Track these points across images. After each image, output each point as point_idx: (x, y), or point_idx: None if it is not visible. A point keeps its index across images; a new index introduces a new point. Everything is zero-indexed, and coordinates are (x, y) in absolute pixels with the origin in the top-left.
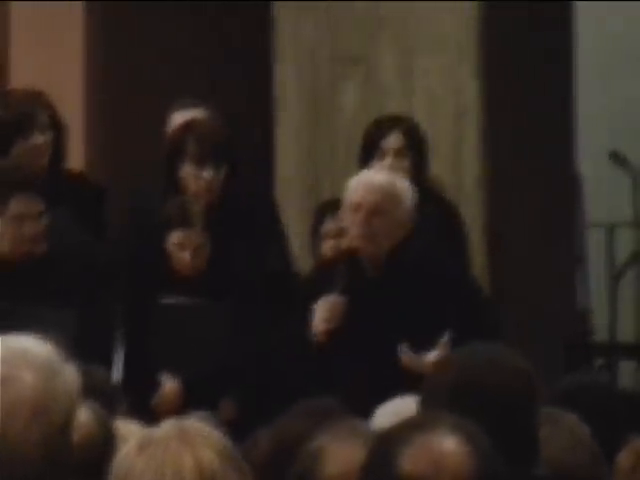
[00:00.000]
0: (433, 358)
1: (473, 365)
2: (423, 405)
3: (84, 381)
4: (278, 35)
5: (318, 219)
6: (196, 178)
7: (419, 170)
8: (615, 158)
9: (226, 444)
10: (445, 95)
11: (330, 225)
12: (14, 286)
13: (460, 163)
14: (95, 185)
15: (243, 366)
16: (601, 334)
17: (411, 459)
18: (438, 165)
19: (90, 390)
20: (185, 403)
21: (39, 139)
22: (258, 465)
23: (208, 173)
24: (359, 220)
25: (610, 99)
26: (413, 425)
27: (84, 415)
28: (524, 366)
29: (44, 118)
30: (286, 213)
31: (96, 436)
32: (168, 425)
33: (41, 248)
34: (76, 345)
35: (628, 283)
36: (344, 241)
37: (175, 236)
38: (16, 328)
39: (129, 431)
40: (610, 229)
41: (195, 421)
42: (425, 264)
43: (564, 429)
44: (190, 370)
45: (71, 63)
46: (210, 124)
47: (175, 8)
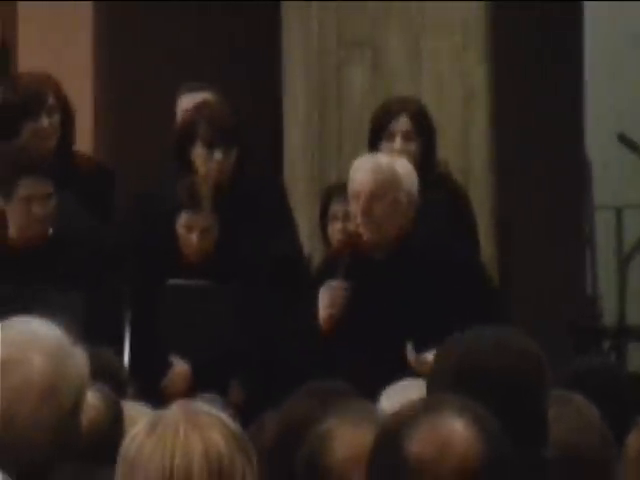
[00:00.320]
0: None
1: (481, 347)
2: (430, 388)
3: (93, 364)
4: (285, 20)
5: (325, 202)
6: (207, 160)
7: (427, 153)
8: (623, 140)
9: (234, 427)
10: (453, 79)
11: (337, 208)
12: (22, 269)
13: (468, 147)
14: (103, 168)
15: (251, 349)
16: (609, 317)
17: (418, 442)
18: (446, 149)
19: (99, 373)
20: (193, 385)
21: (46, 122)
22: (265, 448)
23: (219, 155)
24: (360, 209)
25: (619, 83)
26: (420, 408)
27: (93, 398)
28: (532, 348)
29: (52, 101)
30: (294, 197)
31: (105, 419)
32: (176, 408)
33: (49, 230)
34: (84, 328)
35: (637, 266)
36: (351, 225)
37: (183, 218)
38: (25, 311)
39: (138, 414)
40: (618, 212)
41: (203, 404)
42: (433, 248)
43: (573, 411)
44: (198, 352)
45: (79, 62)
46: (221, 107)
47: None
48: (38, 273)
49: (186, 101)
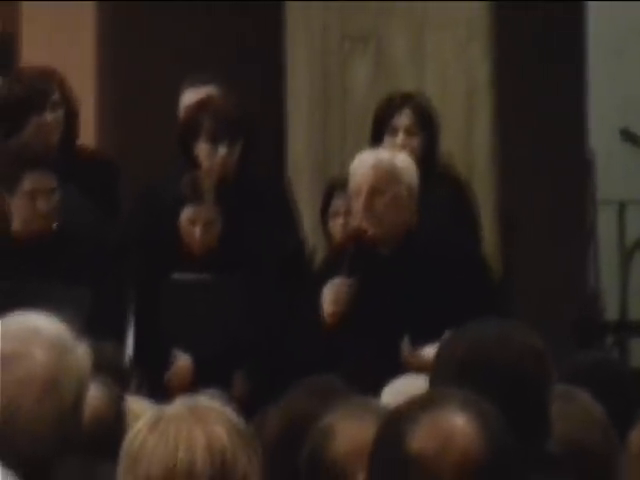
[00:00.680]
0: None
1: (483, 341)
2: (433, 381)
3: (95, 358)
4: (289, 14)
5: (328, 196)
6: (211, 155)
7: (430, 148)
8: (627, 136)
9: (237, 421)
10: (456, 73)
11: (339, 202)
12: (26, 263)
13: (471, 141)
14: (107, 162)
15: (254, 343)
16: (612, 313)
17: (420, 437)
18: (449, 143)
19: (101, 367)
20: (196, 379)
21: (50, 116)
22: (268, 443)
23: (223, 150)
24: (361, 204)
25: (622, 76)
26: (422, 402)
27: (95, 392)
28: (535, 342)
29: (56, 95)
30: (297, 191)
31: (107, 413)
32: (180, 402)
33: (53, 224)
34: (88, 322)
35: (639, 261)
36: (353, 220)
37: (186, 212)
38: (29, 305)
39: (140, 408)
40: (621, 207)
41: (207, 398)
42: (436, 242)
43: (577, 406)
44: (202, 346)
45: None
46: (225, 101)
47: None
48: (42, 267)
49: (189, 96)
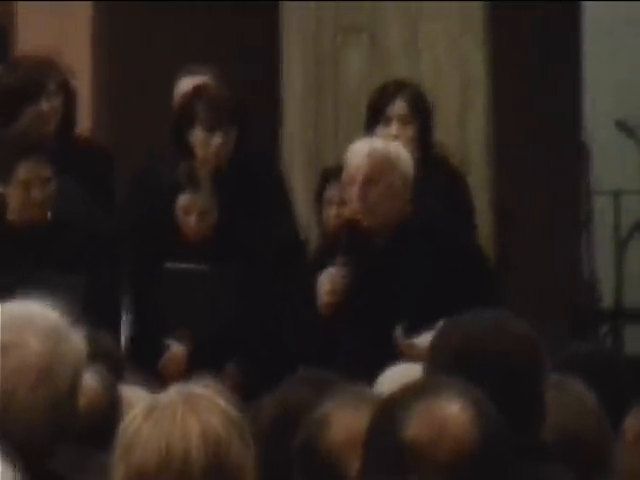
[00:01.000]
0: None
1: (478, 331)
2: (427, 370)
3: (90, 346)
4: (284, 5)
5: (321, 185)
6: (206, 143)
7: (424, 137)
8: (622, 126)
9: (231, 410)
10: (451, 64)
11: (333, 192)
12: (21, 252)
13: (466, 132)
14: (104, 151)
15: (249, 332)
16: (607, 301)
17: (414, 424)
18: (444, 133)
19: (96, 355)
20: (191, 367)
21: (47, 105)
22: (262, 432)
23: (218, 139)
24: (355, 193)
25: (617, 67)
26: (416, 390)
27: (90, 380)
28: (529, 332)
29: (53, 84)
30: (291, 181)
31: (102, 401)
32: (174, 391)
33: (48, 213)
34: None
35: (634, 250)
36: (346, 210)
37: (181, 200)
38: (24, 294)
39: (135, 396)
40: (616, 197)
41: (201, 387)
42: (431, 232)
43: (570, 395)
44: (196, 335)
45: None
46: (220, 90)
47: None
48: (37, 256)
49: (184, 84)
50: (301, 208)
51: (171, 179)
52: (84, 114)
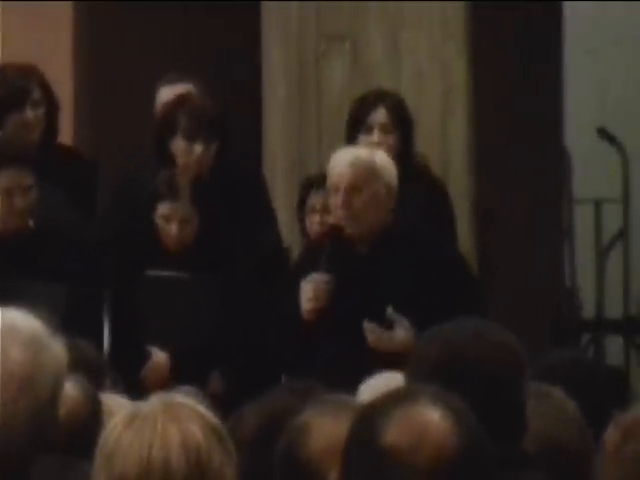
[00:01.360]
0: (400, 335)
1: (458, 340)
2: (408, 379)
3: (71, 355)
4: (264, 14)
5: (304, 193)
6: (187, 153)
7: (405, 146)
8: (603, 134)
9: (212, 419)
10: (432, 72)
11: (316, 200)
12: (2, 260)
13: (448, 140)
14: (86, 160)
15: (231, 340)
16: (588, 310)
17: (394, 431)
18: (425, 142)
19: (77, 364)
20: (172, 376)
21: (31, 114)
22: (244, 440)
23: (199, 148)
24: (340, 202)
25: (599, 75)
26: (396, 397)
27: (71, 389)
28: (510, 341)
29: (37, 93)
30: (273, 189)
31: (83, 410)
32: (155, 400)
33: (30, 221)
34: (65, 319)
35: (615, 259)
36: (330, 218)
37: (161, 208)
38: (5, 302)
39: (116, 405)
40: (597, 205)
41: (182, 396)
42: (413, 241)
43: (551, 404)
44: (178, 343)
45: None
46: (201, 99)
47: None
48: (18, 264)
49: (166, 93)
50: (283, 216)
51: (151, 187)
52: (65, 114)
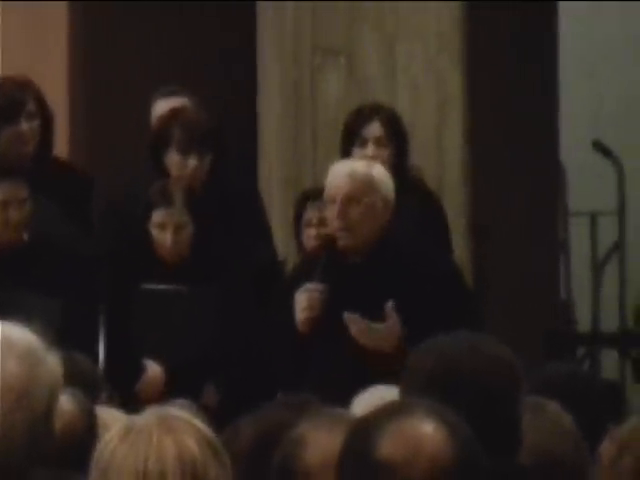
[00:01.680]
0: (383, 328)
1: (453, 353)
2: (403, 392)
3: (66, 368)
4: (260, 26)
5: (300, 207)
6: (181, 166)
7: (400, 159)
8: (598, 147)
9: (208, 432)
10: (428, 84)
11: (312, 214)
12: None
13: (443, 152)
14: (82, 174)
15: (226, 354)
16: (583, 324)
17: (389, 444)
18: (420, 155)
19: (72, 377)
20: (167, 390)
21: (26, 126)
22: (240, 453)
23: (193, 162)
24: (336, 213)
25: (593, 88)
26: (390, 411)
27: (66, 403)
28: (506, 354)
29: (32, 106)
30: (268, 202)
31: (78, 423)
32: (150, 413)
33: (24, 235)
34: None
35: (610, 273)
36: (326, 231)
37: (156, 216)
38: (0, 315)
39: (111, 418)
40: (593, 218)
41: (177, 409)
42: (408, 252)
43: (547, 417)
44: (173, 356)
45: (54, 62)
46: (196, 112)
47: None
48: (13, 277)
49: (161, 106)
50: (279, 227)
51: (145, 198)
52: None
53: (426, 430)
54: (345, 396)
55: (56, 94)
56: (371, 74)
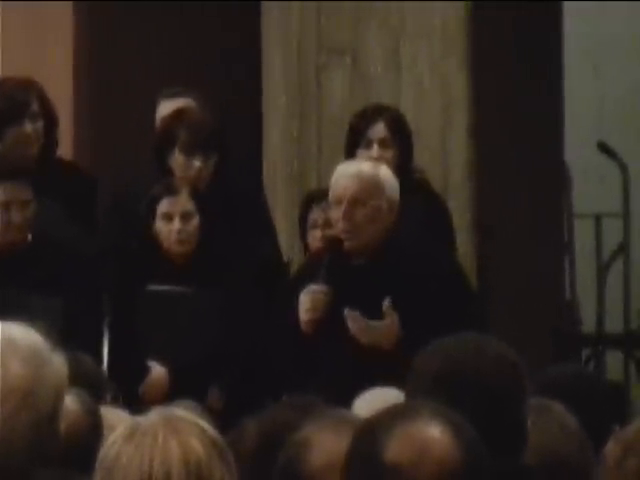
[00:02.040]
0: (381, 325)
1: (458, 354)
2: (408, 393)
3: (71, 369)
4: (265, 25)
5: (305, 209)
6: (185, 167)
7: (404, 160)
8: (603, 148)
9: (212, 433)
10: (433, 85)
11: (317, 215)
12: (1, 274)
13: (448, 153)
14: (86, 175)
15: (231, 354)
16: (588, 325)
17: (395, 447)
18: (425, 156)
19: (77, 378)
20: (171, 391)
21: (30, 127)
22: (245, 454)
23: (197, 163)
24: (342, 214)
25: (599, 89)
26: (397, 413)
27: (71, 403)
28: (511, 355)
29: (36, 107)
30: (273, 203)
31: (83, 424)
32: (155, 414)
33: (28, 236)
34: (65, 333)
35: (615, 274)
36: (331, 232)
37: (161, 206)
38: (4, 316)
39: (116, 419)
40: (598, 220)
41: (182, 410)
42: (412, 254)
43: (552, 418)
44: (177, 358)
45: (59, 62)
46: (201, 113)
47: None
48: (16, 278)
49: (166, 107)
50: (283, 230)
51: (149, 197)
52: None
53: (433, 433)
54: (348, 397)
55: (60, 95)
56: (376, 73)
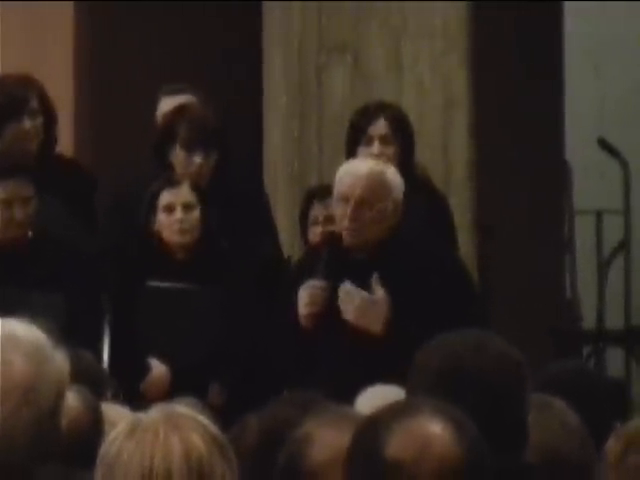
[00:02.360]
0: (372, 300)
1: (460, 351)
2: (410, 390)
3: (72, 366)
4: (266, 25)
5: (306, 205)
6: (186, 163)
7: (405, 157)
8: (604, 145)
9: (214, 430)
10: (434, 83)
11: (318, 212)
12: (1, 271)
13: (449, 151)
14: (85, 171)
15: (231, 351)
16: (589, 322)
17: (397, 444)
18: (427, 153)
19: (78, 375)
20: (172, 388)
21: (29, 124)
22: (246, 451)
23: (198, 159)
24: (348, 213)
25: (600, 89)
26: (398, 410)
27: (73, 400)
28: (512, 351)
29: (35, 103)
30: (274, 199)
31: (84, 420)
32: (156, 410)
33: (29, 232)
34: (66, 330)
35: (616, 271)
36: (333, 228)
37: (163, 198)
38: (5, 313)
39: (117, 416)
40: (598, 216)
41: (183, 406)
42: (412, 249)
43: (553, 415)
44: (178, 354)
45: (60, 62)
46: (202, 110)
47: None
48: (18, 275)
49: (167, 103)
50: (284, 227)
51: (149, 194)
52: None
53: (434, 429)
54: (349, 392)
55: (60, 94)
56: (377, 72)
